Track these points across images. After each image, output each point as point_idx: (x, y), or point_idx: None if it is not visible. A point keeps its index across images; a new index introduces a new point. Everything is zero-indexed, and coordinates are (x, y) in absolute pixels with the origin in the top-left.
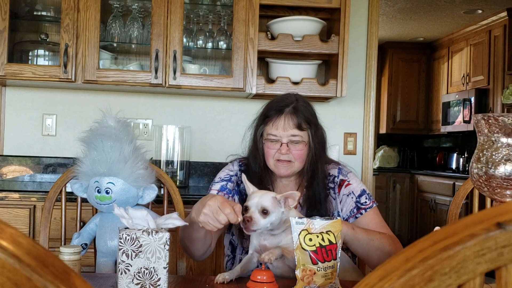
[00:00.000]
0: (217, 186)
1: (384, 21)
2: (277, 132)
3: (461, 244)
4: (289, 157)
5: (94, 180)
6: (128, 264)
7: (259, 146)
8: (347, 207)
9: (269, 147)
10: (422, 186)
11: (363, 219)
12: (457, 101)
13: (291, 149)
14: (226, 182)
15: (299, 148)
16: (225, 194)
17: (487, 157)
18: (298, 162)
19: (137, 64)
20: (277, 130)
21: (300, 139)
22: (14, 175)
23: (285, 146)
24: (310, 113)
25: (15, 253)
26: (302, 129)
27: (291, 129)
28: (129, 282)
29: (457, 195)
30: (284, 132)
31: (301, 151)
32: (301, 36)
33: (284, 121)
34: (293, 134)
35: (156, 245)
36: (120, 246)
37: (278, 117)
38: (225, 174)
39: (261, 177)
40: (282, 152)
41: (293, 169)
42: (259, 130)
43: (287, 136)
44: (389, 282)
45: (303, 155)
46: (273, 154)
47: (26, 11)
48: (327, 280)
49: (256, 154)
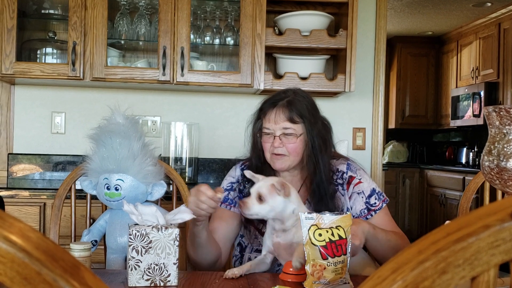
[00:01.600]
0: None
1: (392, 15)
2: (270, 125)
3: (474, 236)
4: (283, 151)
5: (104, 177)
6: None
7: (257, 140)
8: (357, 206)
9: (265, 141)
10: (432, 181)
11: (373, 220)
12: (467, 95)
13: (284, 142)
14: (227, 192)
15: (292, 141)
16: (227, 205)
17: (499, 150)
18: (292, 156)
19: (145, 61)
20: (270, 123)
21: (292, 131)
22: (24, 173)
23: (277, 139)
24: (306, 107)
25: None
26: (294, 122)
27: (283, 122)
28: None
29: (468, 189)
30: (276, 124)
31: (294, 144)
32: (309, 31)
33: (276, 114)
34: (285, 127)
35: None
36: (130, 242)
37: (271, 110)
38: (227, 183)
39: (262, 172)
40: (274, 145)
41: (288, 163)
42: (257, 125)
43: (279, 129)
44: (401, 275)
45: (297, 149)
46: (269, 148)
47: (34, 9)
48: (337, 275)
49: (255, 149)
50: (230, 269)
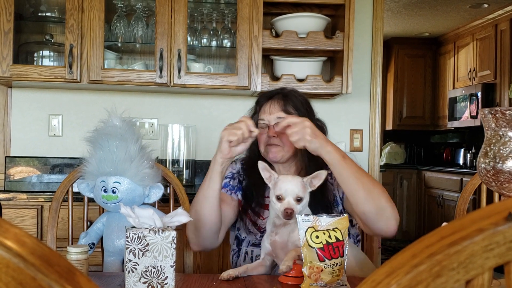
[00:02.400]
0: None
1: (389, 17)
2: (265, 116)
3: (469, 239)
4: (277, 141)
5: (101, 179)
6: (135, 263)
7: None
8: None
9: (261, 133)
10: (430, 182)
11: None
12: (464, 96)
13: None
14: (229, 179)
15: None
16: (227, 190)
17: (495, 152)
18: (287, 146)
19: (142, 63)
20: (265, 114)
21: None
22: (21, 176)
23: (272, 128)
24: (301, 102)
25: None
26: (288, 112)
27: (277, 112)
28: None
29: (465, 190)
30: (271, 115)
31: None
32: (306, 33)
33: (271, 105)
34: (279, 117)
35: (163, 244)
36: (127, 245)
37: (267, 102)
38: (228, 172)
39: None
40: (269, 134)
41: (282, 154)
42: (253, 119)
43: (274, 119)
44: (396, 279)
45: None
46: (264, 139)
47: (31, 12)
48: (334, 277)
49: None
50: (225, 271)
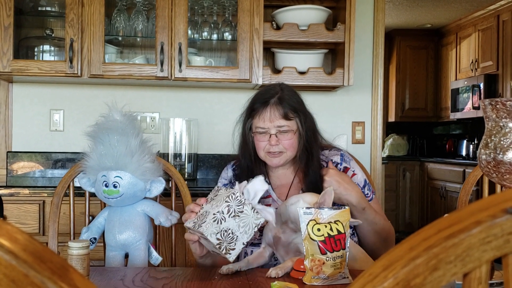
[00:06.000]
0: None
1: (390, 8)
2: (264, 124)
3: (466, 232)
4: (279, 148)
5: (102, 174)
6: (224, 218)
7: (248, 140)
8: None
9: (259, 140)
10: (432, 174)
11: None
12: (466, 88)
13: (280, 139)
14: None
15: (288, 137)
16: None
17: (495, 143)
18: (289, 151)
19: (143, 57)
20: (264, 122)
21: (288, 128)
22: (23, 171)
23: (274, 137)
24: (296, 101)
25: (11, 250)
26: (289, 118)
27: (278, 120)
28: (215, 233)
29: (467, 181)
30: (271, 123)
31: (291, 140)
32: (307, 25)
33: (270, 113)
34: (280, 125)
35: (251, 221)
36: (228, 200)
37: (264, 109)
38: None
39: (252, 171)
40: (271, 143)
41: (285, 159)
42: (247, 124)
43: (274, 127)
44: (393, 272)
45: (294, 144)
46: (264, 146)
47: (31, 6)
48: (336, 270)
49: (246, 148)
50: (225, 265)
